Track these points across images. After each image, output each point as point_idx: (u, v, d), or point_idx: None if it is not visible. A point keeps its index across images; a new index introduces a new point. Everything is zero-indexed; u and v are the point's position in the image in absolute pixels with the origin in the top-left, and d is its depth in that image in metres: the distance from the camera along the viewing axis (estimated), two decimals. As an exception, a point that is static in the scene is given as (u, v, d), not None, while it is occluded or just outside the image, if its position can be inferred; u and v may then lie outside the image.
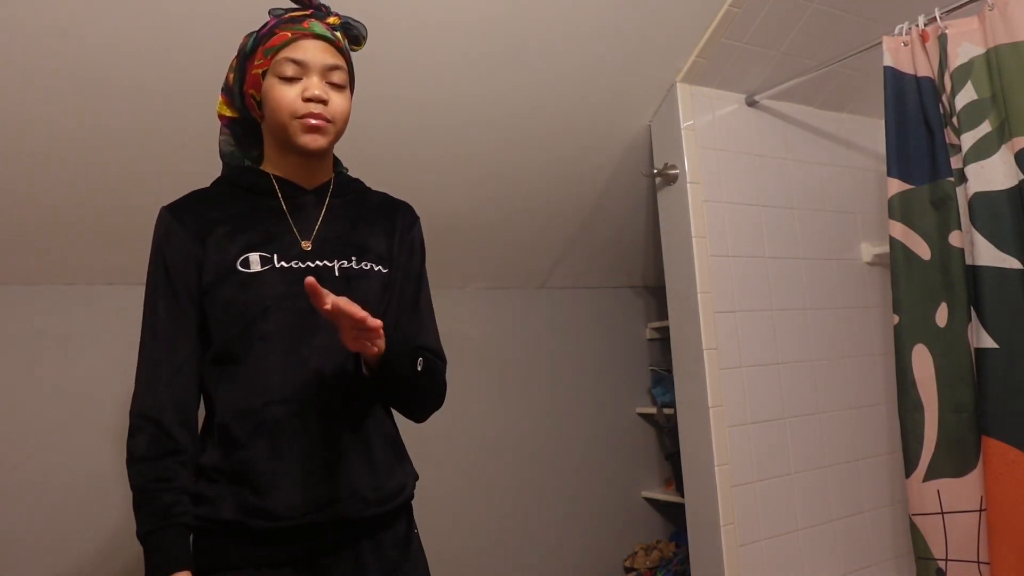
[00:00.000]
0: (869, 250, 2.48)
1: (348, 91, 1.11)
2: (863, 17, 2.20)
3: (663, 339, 2.88)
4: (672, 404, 2.49)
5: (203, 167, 1.78)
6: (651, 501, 2.82)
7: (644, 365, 2.93)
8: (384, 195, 1.26)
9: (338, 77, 1.08)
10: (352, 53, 1.16)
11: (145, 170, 1.73)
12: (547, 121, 2.10)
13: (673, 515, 2.84)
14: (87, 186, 1.70)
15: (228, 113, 1.19)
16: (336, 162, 1.23)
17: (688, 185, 2.12)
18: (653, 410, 2.80)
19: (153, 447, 1.05)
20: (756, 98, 2.28)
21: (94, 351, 1.90)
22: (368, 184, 1.27)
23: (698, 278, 2.08)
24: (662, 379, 2.80)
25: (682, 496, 2.17)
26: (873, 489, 2.34)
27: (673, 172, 2.15)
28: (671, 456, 2.67)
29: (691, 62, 2.12)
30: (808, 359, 2.28)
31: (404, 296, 1.20)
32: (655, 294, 2.98)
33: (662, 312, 2.82)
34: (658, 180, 2.21)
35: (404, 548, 1.13)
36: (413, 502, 1.20)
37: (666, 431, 2.78)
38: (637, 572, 2.62)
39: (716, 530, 2.00)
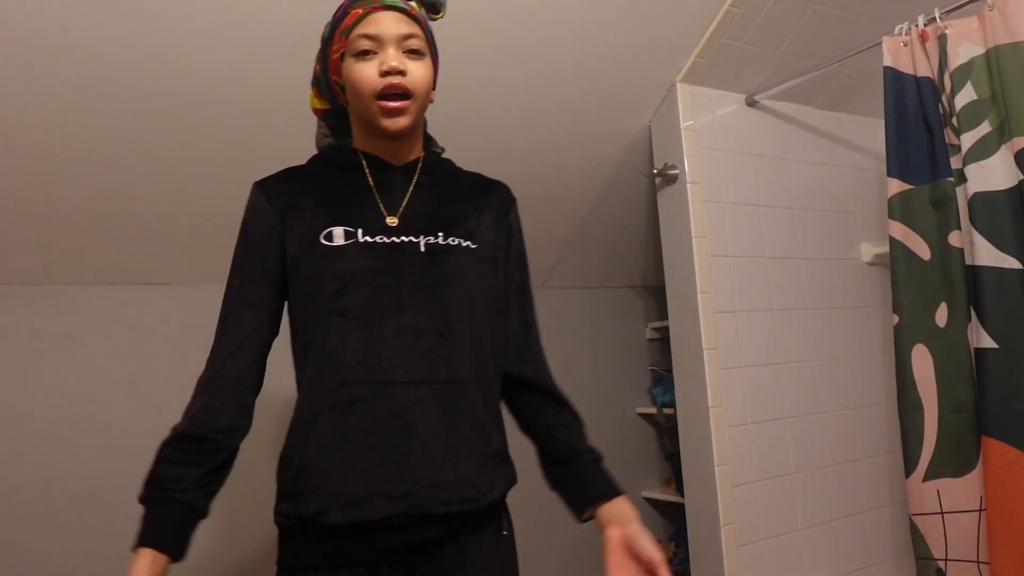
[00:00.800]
0: (869, 250, 2.48)
1: (428, 58, 1.07)
2: (863, 17, 2.20)
3: (663, 339, 2.88)
4: (672, 404, 2.49)
5: (204, 168, 1.79)
6: (651, 501, 2.82)
7: (644, 365, 2.92)
8: (477, 175, 1.23)
9: (415, 44, 1.04)
10: (433, 22, 1.13)
11: (145, 170, 1.73)
12: (547, 121, 2.10)
13: (673, 515, 2.84)
14: (87, 186, 1.70)
15: (319, 105, 1.17)
16: (429, 140, 1.20)
17: (688, 185, 2.12)
18: (653, 410, 2.80)
19: (191, 422, 1.03)
20: (756, 98, 2.28)
21: (94, 351, 1.90)
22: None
23: (698, 278, 2.08)
24: (662, 379, 2.80)
25: (682, 496, 2.17)
26: (873, 489, 2.34)
27: (673, 172, 2.15)
28: (671, 456, 2.67)
29: (691, 62, 2.12)
30: (808, 359, 2.28)
31: (512, 280, 1.18)
32: (655, 294, 2.98)
33: (662, 312, 2.82)
34: (658, 180, 2.21)
35: (489, 556, 1.06)
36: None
37: (666, 431, 2.78)
38: (637, 572, 2.62)
39: (716, 530, 2.00)
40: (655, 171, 2.18)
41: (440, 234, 1.08)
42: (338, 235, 1.04)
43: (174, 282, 2.01)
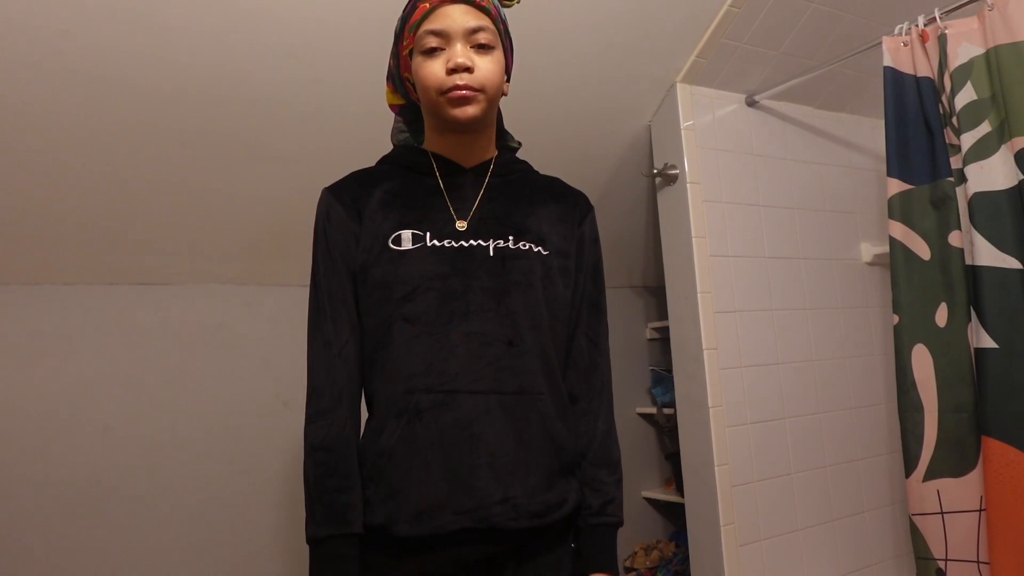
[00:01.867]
0: (869, 250, 2.48)
1: (499, 51, 1.04)
2: (863, 17, 2.20)
3: (663, 339, 2.88)
4: (672, 404, 2.49)
5: (204, 167, 1.78)
6: (651, 501, 2.82)
7: (644, 365, 2.92)
8: (555, 180, 1.20)
9: (484, 37, 1.01)
10: (506, 10, 1.10)
11: (145, 170, 1.73)
12: (547, 121, 2.10)
13: (673, 515, 2.84)
14: (87, 186, 1.70)
15: (394, 100, 1.16)
16: (503, 136, 1.17)
17: (688, 185, 2.12)
18: (653, 410, 2.80)
19: (326, 436, 0.99)
20: (756, 98, 2.27)
21: (94, 351, 1.90)
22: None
23: (698, 278, 2.08)
24: (662, 379, 2.80)
25: (682, 496, 2.17)
26: (873, 489, 2.34)
27: (673, 172, 2.14)
28: (671, 456, 2.67)
29: (691, 62, 2.12)
30: (808, 359, 2.28)
31: (583, 293, 1.14)
32: (655, 294, 2.98)
33: (662, 312, 2.82)
34: (658, 180, 2.21)
35: (557, 570, 1.04)
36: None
37: (666, 431, 2.78)
38: (637, 572, 2.62)
39: (716, 530, 2.00)
40: (655, 171, 2.18)
41: (510, 238, 1.06)
42: (406, 239, 1.03)
43: (174, 282, 2.01)
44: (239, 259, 2.03)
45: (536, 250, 1.07)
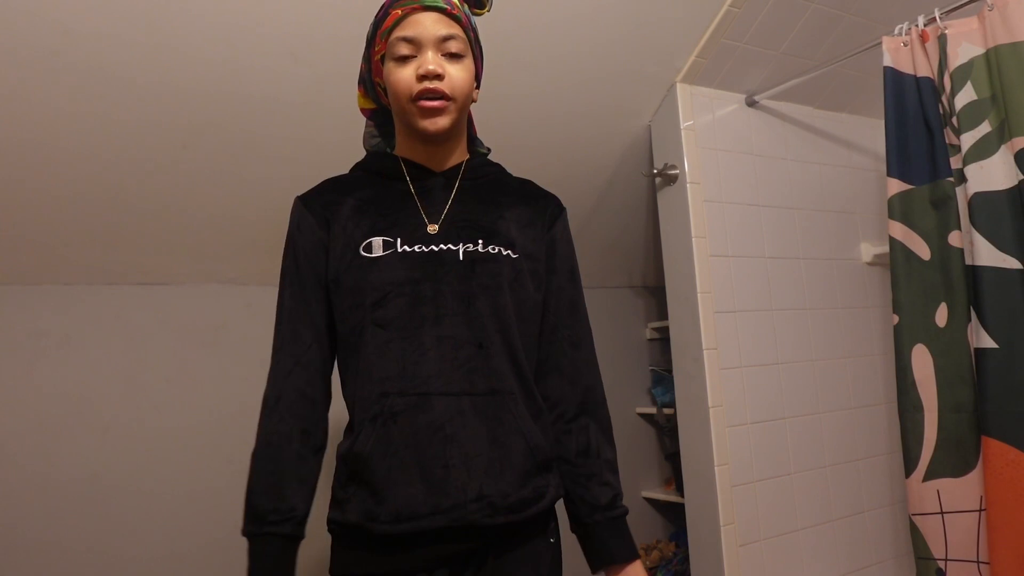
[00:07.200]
0: (869, 250, 2.48)
1: (469, 59, 1.05)
2: (863, 17, 2.20)
3: (663, 339, 2.88)
4: (672, 404, 2.49)
5: (204, 167, 1.79)
6: (651, 501, 2.82)
7: (644, 365, 2.93)
8: (526, 182, 1.20)
9: (454, 46, 1.02)
10: (477, 18, 1.11)
11: (145, 170, 1.73)
12: (547, 122, 2.10)
13: (673, 515, 2.84)
14: (87, 186, 1.70)
15: (366, 105, 1.17)
16: (473, 141, 1.18)
17: (688, 185, 2.12)
18: (653, 410, 2.80)
19: (266, 440, 1.03)
20: (756, 98, 2.27)
21: (94, 351, 1.90)
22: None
23: (698, 278, 2.08)
24: (662, 379, 2.80)
25: (682, 496, 2.17)
26: (873, 489, 2.34)
27: (673, 172, 2.15)
28: (671, 456, 2.67)
29: (691, 62, 2.12)
30: (808, 359, 2.28)
31: (560, 295, 1.15)
32: (655, 294, 2.98)
33: (662, 312, 2.82)
34: (658, 180, 2.21)
35: (536, 565, 1.05)
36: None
37: (666, 431, 2.78)
38: (637, 572, 2.62)
39: (716, 530, 2.00)
40: (655, 171, 2.18)
41: (480, 241, 1.06)
42: (377, 246, 1.04)
43: (174, 282, 2.01)
44: (239, 259, 2.03)
45: (505, 254, 1.07)
